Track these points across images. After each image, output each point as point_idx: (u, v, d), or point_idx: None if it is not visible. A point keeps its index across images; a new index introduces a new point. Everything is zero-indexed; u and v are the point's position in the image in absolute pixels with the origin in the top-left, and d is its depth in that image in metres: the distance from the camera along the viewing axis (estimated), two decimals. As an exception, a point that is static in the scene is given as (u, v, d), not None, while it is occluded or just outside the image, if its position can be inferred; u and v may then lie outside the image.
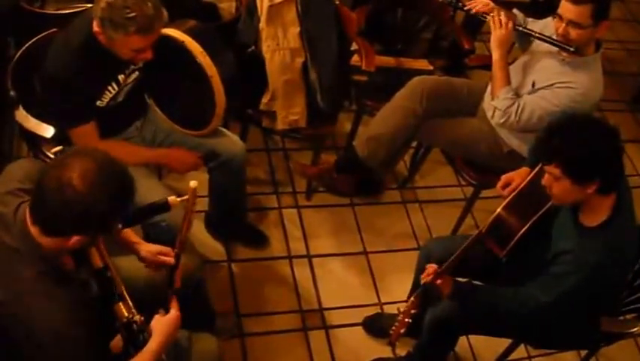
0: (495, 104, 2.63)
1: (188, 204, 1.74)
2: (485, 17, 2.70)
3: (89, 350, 1.65)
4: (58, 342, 1.59)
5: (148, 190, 2.23)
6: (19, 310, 1.57)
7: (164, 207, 1.80)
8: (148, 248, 2.01)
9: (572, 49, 2.47)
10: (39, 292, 1.58)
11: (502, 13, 2.67)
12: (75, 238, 1.56)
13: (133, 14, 2.00)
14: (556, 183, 1.95)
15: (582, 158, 1.89)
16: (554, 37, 2.52)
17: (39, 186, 1.53)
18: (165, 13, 2.10)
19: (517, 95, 2.64)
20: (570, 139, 1.91)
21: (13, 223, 1.60)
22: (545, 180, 1.99)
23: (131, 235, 2.03)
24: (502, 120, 2.62)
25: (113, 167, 1.56)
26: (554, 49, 2.57)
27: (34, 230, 1.58)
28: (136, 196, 1.71)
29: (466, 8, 2.77)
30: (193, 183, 1.70)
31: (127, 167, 1.61)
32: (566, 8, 2.43)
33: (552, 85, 2.54)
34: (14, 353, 1.62)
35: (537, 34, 2.60)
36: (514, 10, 2.76)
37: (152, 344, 1.73)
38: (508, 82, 2.64)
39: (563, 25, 2.45)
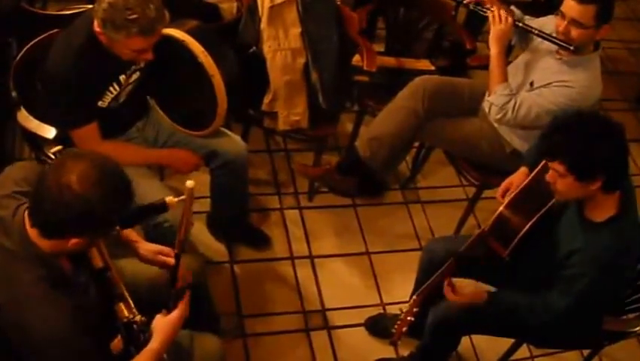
0: (491, 100, 2.63)
1: (186, 204, 1.73)
2: (485, 12, 2.69)
3: (89, 356, 1.65)
4: (57, 349, 1.59)
5: (149, 191, 2.23)
6: (18, 315, 1.57)
7: (162, 207, 1.79)
8: (147, 247, 2.01)
9: (571, 47, 2.46)
10: (38, 297, 1.58)
11: (502, 9, 2.66)
12: (74, 241, 1.57)
13: (135, 16, 2.00)
14: (561, 180, 1.94)
15: (586, 155, 1.88)
16: (554, 35, 2.52)
17: (38, 188, 1.54)
18: (167, 14, 2.09)
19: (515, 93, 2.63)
20: (574, 136, 1.90)
21: (11, 226, 1.60)
22: (549, 176, 1.98)
23: (131, 233, 2.03)
24: (498, 116, 2.62)
25: (110, 169, 1.57)
26: (553, 48, 2.56)
27: (32, 233, 1.58)
28: (137, 197, 1.71)
29: (466, 2, 2.76)
30: (190, 183, 1.70)
31: (123, 168, 1.61)
32: (569, 6, 2.41)
33: (550, 84, 2.53)
34: (13, 357, 1.62)
35: (537, 31, 2.59)
36: (512, 7, 2.76)
37: (154, 344, 1.73)
38: (505, 78, 2.63)
39: (565, 23, 2.44)
